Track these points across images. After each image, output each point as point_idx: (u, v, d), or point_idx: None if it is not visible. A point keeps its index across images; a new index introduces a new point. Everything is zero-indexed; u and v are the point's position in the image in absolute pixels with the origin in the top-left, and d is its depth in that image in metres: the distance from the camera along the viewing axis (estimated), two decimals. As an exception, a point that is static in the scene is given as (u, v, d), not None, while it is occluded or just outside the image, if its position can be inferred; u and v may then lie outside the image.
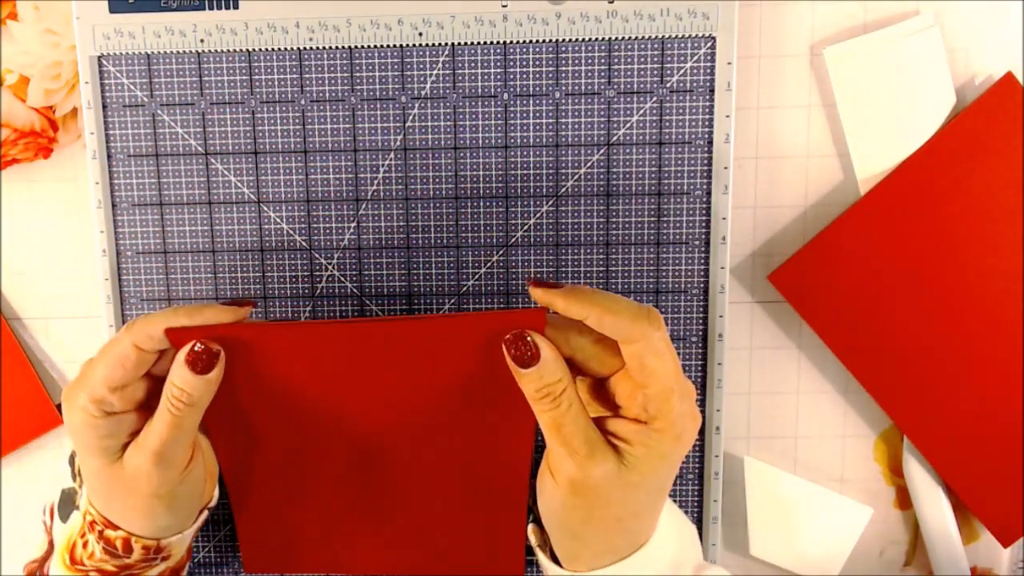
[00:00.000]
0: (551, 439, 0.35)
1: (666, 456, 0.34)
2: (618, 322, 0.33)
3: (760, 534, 0.49)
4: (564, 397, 0.34)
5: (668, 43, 0.44)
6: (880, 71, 0.44)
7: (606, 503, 0.35)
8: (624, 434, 0.34)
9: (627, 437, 0.34)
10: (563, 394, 0.34)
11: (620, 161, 0.45)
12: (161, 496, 0.37)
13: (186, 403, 0.35)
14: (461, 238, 0.47)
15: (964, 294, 0.45)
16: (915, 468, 0.48)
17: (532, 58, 0.45)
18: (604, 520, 0.35)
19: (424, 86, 0.45)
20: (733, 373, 0.49)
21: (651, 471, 0.34)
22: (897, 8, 0.45)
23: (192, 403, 0.36)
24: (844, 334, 0.46)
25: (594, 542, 0.36)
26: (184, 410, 0.36)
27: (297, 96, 0.46)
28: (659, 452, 0.34)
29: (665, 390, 0.33)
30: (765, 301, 0.48)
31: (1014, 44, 0.45)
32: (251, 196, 0.47)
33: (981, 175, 0.44)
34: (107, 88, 0.46)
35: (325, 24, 0.45)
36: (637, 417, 0.34)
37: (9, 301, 0.50)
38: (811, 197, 0.47)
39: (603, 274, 0.46)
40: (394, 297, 0.47)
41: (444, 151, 0.46)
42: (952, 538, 0.47)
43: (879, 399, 0.46)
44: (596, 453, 0.34)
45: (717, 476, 0.48)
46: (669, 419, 0.34)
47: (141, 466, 0.36)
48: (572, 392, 0.34)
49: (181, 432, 0.36)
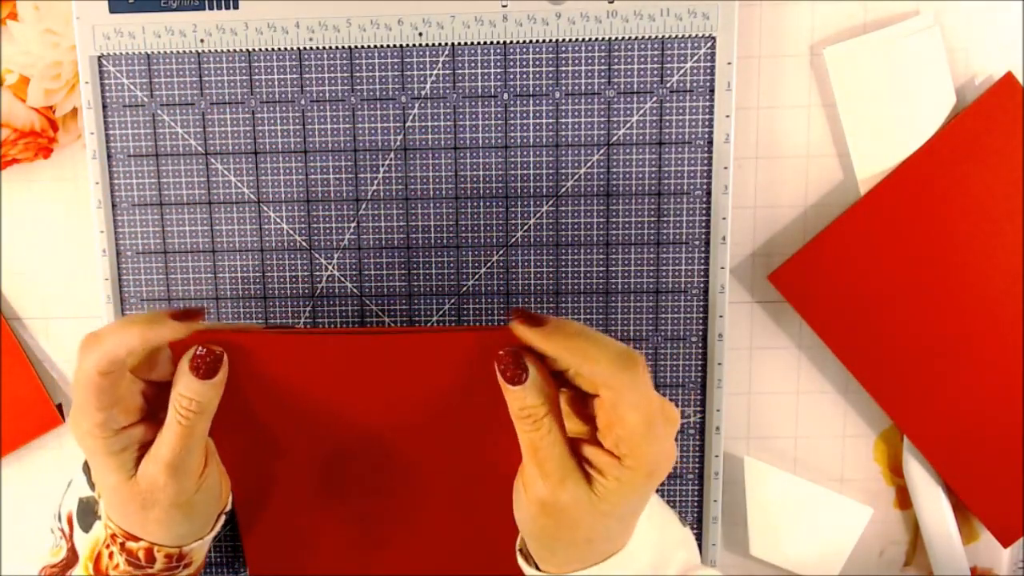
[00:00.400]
0: (526, 458, 0.35)
1: (637, 489, 0.34)
2: (596, 371, 0.33)
3: (760, 534, 0.49)
4: (545, 420, 0.34)
5: (668, 43, 0.44)
6: (880, 71, 0.44)
7: (575, 526, 0.35)
8: (597, 464, 0.34)
9: (600, 467, 0.34)
10: (544, 417, 0.34)
11: (620, 161, 0.45)
12: (179, 505, 0.37)
13: (195, 411, 0.35)
14: (461, 238, 0.46)
15: (964, 294, 0.45)
16: (915, 468, 0.48)
17: (532, 58, 0.45)
18: (573, 540, 0.35)
19: (424, 86, 0.45)
20: (733, 373, 0.49)
21: (622, 502, 0.34)
22: (897, 8, 0.45)
23: (200, 410, 0.35)
24: (844, 334, 0.46)
25: (564, 554, 0.36)
26: (193, 418, 0.35)
27: (297, 96, 0.46)
28: (630, 486, 0.34)
29: (636, 435, 0.33)
30: (765, 301, 0.48)
31: (1014, 44, 0.45)
32: (251, 196, 0.47)
33: (981, 175, 0.44)
34: (107, 88, 0.46)
35: (325, 24, 0.45)
36: (611, 450, 0.34)
37: (9, 301, 0.50)
38: (811, 197, 0.47)
39: (603, 274, 0.46)
40: (394, 297, 0.47)
41: (444, 151, 0.46)
42: (952, 538, 0.47)
43: (879, 399, 0.46)
44: (567, 480, 0.34)
45: (717, 476, 0.48)
46: (641, 459, 0.33)
47: (157, 478, 0.36)
48: (554, 417, 0.34)
49: (192, 440, 0.36)
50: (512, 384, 0.34)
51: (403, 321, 0.47)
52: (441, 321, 0.47)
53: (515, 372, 0.34)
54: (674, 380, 0.47)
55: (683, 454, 0.48)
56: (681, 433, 0.48)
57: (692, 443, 0.48)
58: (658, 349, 0.47)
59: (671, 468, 0.35)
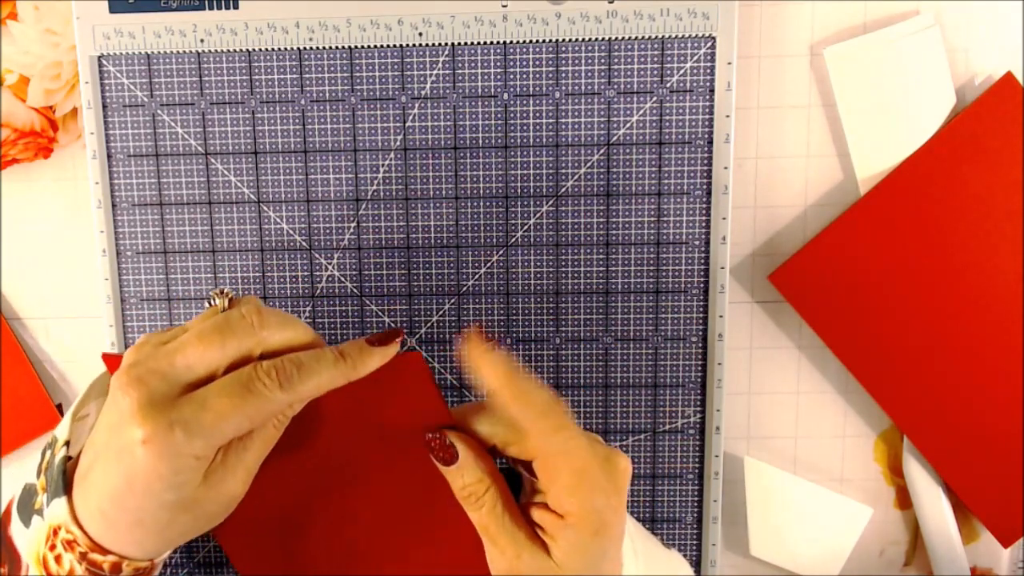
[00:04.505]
0: (480, 535, 0.35)
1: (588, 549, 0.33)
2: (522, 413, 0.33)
3: (760, 534, 0.49)
4: (487, 497, 0.34)
5: (668, 43, 0.44)
6: (880, 71, 0.44)
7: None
8: (547, 527, 0.33)
9: (549, 531, 0.33)
10: (485, 494, 0.34)
11: (620, 161, 0.45)
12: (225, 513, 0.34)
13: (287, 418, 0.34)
14: (461, 238, 0.47)
15: (964, 294, 0.45)
16: (915, 468, 0.48)
17: (532, 58, 0.45)
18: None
19: (424, 86, 0.45)
20: (733, 373, 0.49)
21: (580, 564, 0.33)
22: (897, 8, 0.45)
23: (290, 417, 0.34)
24: (844, 334, 0.46)
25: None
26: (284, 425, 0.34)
27: (297, 96, 0.46)
28: (580, 547, 0.33)
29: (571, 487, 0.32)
30: (765, 301, 0.48)
31: (1014, 44, 0.45)
32: (251, 196, 0.47)
33: (981, 175, 0.44)
34: (107, 88, 0.46)
35: (325, 24, 0.45)
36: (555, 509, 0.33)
37: (9, 301, 0.50)
38: (811, 197, 0.47)
39: (603, 274, 0.46)
40: (394, 297, 0.47)
41: (444, 151, 0.46)
42: (952, 538, 0.47)
43: (879, 399, 0.46)
44: (523, 553, 0.33)
45: (717, 476, 0.48)
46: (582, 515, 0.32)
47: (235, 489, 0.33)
48: (496, 491, 0.34)
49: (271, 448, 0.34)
50: (446, 464, 0.34)
51: (403, 321, 0.47)
52: (441, 321, 0.47)
53: (446, 453, 0.34)
54: (674, 380, 0.47)
55: (683, 454, 0.48)
56: (681, 433, 0.48)
57: (692, 443, 0.48)
58: (658, 349, 0.47)
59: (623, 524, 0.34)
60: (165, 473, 0.31)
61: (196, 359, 0.32)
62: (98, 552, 0.33)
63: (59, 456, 0.34)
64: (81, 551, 0.33)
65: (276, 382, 0.31)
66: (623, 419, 0.48)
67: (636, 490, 0.48)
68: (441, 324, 0.47)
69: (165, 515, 0.32)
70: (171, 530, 0.33)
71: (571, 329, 0.47)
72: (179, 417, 0.30)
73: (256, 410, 0.31)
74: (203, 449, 0.31)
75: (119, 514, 0.32)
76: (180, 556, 0.49)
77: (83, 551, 0.33)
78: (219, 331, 0.32)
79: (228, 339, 0.32)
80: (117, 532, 0.33)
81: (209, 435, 0.31)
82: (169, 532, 0.33)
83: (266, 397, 0.31)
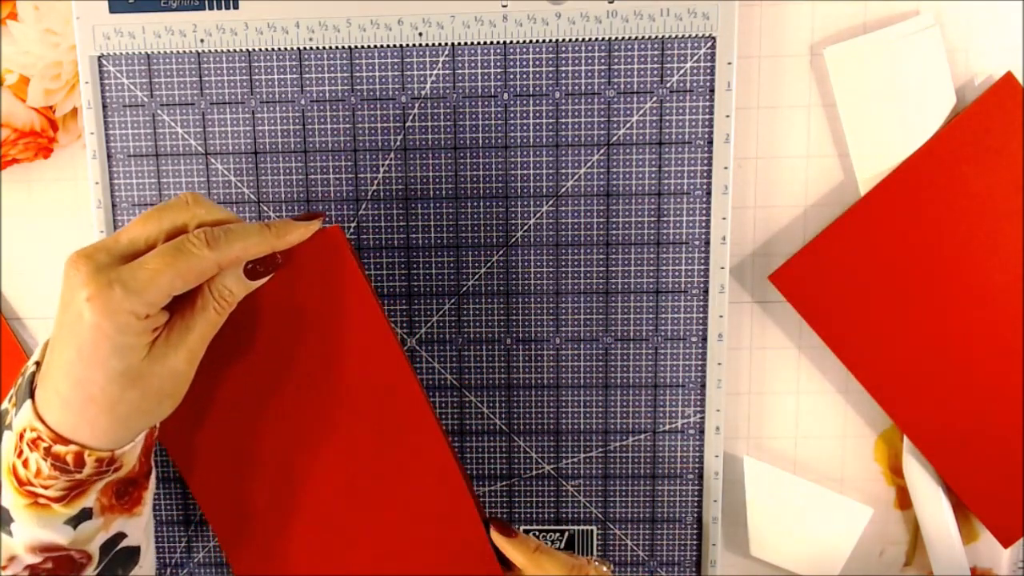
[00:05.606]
0: None
1: None
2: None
3: (760, 534, 0.49)
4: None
5: (668, 43, 0.44)
6: (880, 71, 0.44)
7: None
8: None
9: None
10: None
11: (620, 161, 0.45)
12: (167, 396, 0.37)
13: (229, 303, 0.37)
14: (461, 238, 0.47)
15: (964, 294, 0.45)
16: (915, 468, 0.48)
17: (532, 58, 0.45)
18: None
19: (424, 86, 0.45)
20: (733, 373, 0.49)
21: None
22: (897, 8, 0.45)
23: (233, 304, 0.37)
24: (844, 334, 0.46)
25: None
26: (226, 311, 0.37)
27: (297, 96, 0.46)
28: None
29: None
30: (765, 301, 0.48)
31: (1014, 44, 0.45)
32: (251, 196, 0.47)
33: (981, 175, 0.44)
34: (107, 88, 0.46)
35: (325, 24, 0.45)
36: None
37: (9, 301, 0.50)
38: (811, 197, 0.47)
39: (603, 274, 0.46)
40: (394, 297, 0.47)
41: (444, 151, 0.46)
42: (952, 538, 0.47)
43: (879, 399, 0.46)
44: None
45: (717, 476, 0.48)
46: None
47: (178, 365, 0.36)
48: None
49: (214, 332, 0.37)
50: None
51: (403, 321, 0.47)
52: (441, 321, 0.47)
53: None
54: (674, 380, 0.47)
55: (683, 454, 0.48)
56: (681, 433, 0.48)
57: (692, 443, 0.48)
58: (658, 349, 0.47)
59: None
60: (109, 331, 0.33)
61: (137, 233, 0.35)
62: (60, 443, 0.35)
63: (28, 372, 0.37)
64: (45, 446, 0.35)
65: (204, 242, 0.35)
66: (623, 419, 0.48)
67: (636, 490, 0.48)
68: (441, 324, 0.47)
69: (114, 389, 0.34)
70: (121, 406, 0.35)
71: (571, 329, 0.47)
72: (118, 277, 0.34)
73: (187, 267, 0.34)
74: (141, 305, 0.34)
75: (72, 391, 0.34)
76: (180, 556, 0.49)
77: (47, 445, 0.35)
78: (157, 210, 0.36)
79: (164, 214, 0.36)
80: (72, 413, 0.35)
81: (144, 290, 0.34)
82: (120, 409, 0.35)
83: (196, 256, 0.35)
